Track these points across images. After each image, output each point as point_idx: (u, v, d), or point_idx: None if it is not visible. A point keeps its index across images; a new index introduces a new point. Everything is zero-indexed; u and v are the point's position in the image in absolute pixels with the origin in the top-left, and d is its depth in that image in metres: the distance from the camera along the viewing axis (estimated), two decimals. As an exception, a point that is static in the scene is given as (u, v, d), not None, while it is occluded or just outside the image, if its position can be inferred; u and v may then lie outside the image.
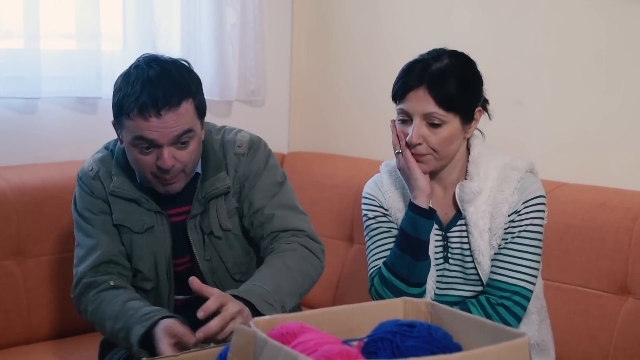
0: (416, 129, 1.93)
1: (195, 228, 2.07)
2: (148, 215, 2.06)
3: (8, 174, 2.54)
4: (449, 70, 1.93)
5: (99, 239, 2.05)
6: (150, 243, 2.06)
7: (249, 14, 3.14)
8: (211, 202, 2.06)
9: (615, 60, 2.48)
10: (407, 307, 1.50)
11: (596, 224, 2.28)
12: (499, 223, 1.97)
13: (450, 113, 1.92)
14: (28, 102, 2.70)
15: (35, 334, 2.51)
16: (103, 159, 2.10)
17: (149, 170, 1.95)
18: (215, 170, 2.06)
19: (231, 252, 2.10)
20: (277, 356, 1.22)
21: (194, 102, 1.95)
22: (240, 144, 2.10)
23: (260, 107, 3.28)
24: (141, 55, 1.99)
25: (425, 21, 2.96)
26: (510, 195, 1.96)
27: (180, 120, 1.90)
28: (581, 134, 2.56)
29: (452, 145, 1.96)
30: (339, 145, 3.24)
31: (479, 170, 1.99)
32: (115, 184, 2.05)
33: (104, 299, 1.99)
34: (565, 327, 2.29)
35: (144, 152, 1.93)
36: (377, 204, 2.11)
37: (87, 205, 2.08)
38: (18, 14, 2.62)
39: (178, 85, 1.92)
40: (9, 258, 2.47)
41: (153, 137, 1.89)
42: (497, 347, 1.25)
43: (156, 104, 1.87)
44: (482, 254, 1.97)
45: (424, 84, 1.91)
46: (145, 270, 2.07)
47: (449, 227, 2.04)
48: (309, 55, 3.39)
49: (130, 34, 2.93)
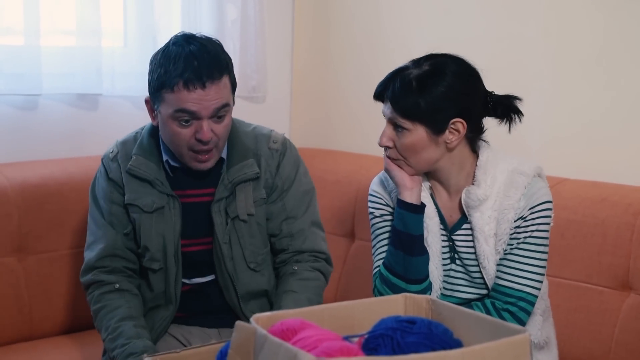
0: (384, 132, 1.97)
1: (219, 211, 2.11)
2: (159, 197, 2.11)
3: (9, 170, 2.54)
4: (416, 82, 1.91)
5: (105, 230, 2.13)
6: (158, 224, 2.11)
7: (250, 9, 3.13)
8: (238, 187, 2.12)
9: (616, 55, 2.47)
10: (407, 303, 1.50)
11: (597, 220, 2.28)
12: (504, 229, 1.95)
13: (413, 122, 1.92)
14: (29, 98, 2.70)
15: (36, 330, 2.52)
16: (125, 141, 2.17)
17: (185, 144, 2.02)
18: (241, 157, 2.13)
19: (251, 240, 2.15)
20: (277, 353, 1.22)
21: (230, 78, 2.04)
22: (276, 140, 2.19)
23: (261, 103, 3.28)
24: (176, 34, 2.07)
25: (427, 16, 2.96)
26: (516, 201, 1.95)
27: (220, 94, 1.99)
28: (582, 130, 2.56)
29: (420, 153, 1.95)
30: (341, 141, 3.23)
31: (486, 176, 1.97)
32: (134, 163, 2.11)
33: (104, 306, 2.09)
34: (567, 322, 2.29)
35: (182, 125, 1.99)
36: (383, 202, 2.10)
37: (100, 191, 2.16)
38: (18, 11, 2.62)
39: (218, 60, 2.00)
40: (10, 255, 2.47)
41: (195, 109, 1.97)
42: (497, 343, 1.25)
43: (201, 77, 1.95)
44: (488, 259, 1.96)
45: (386, 91, 1.94)
46: (153, 250, 2.12)
47: (454, 229, 2.03)
48: (310, 51, 3.39)
49: (130, 31, 2.93)
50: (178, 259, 2.12)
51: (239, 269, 2.14)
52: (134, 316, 2.07)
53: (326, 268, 2.22)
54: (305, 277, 2.15)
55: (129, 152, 2.13)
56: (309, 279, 2.15)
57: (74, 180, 2.60)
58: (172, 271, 2.12)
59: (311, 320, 1.36)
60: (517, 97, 2.02)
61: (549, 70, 2.62)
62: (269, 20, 3.23)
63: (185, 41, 2.01)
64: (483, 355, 1.22)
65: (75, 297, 2.57)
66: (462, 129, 1.94)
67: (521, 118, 2.02)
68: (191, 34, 2.06)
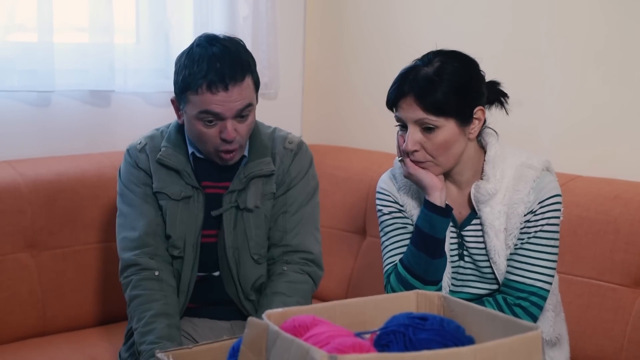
0: (411, 136, 1.92)
1: (230, 202, 2.16)
2: (186, 188, 2.16)
3: (22, 167, 2.55)
4: (437, 76, 1.89)
5: (142, 208, 2.17)
6: (183, 212, 2.15)
7: (261, 6, 3.13)
8: (252, 181, 2.17)
9: (629, 51, 2.46)
10: (419, 299, 1.50)
11: (610, 217, 2.27)
12: (514, 223, 1.95)
13: (441, 117, 1.89)
14: (42, 95, 2.71)
15: (50, 326, 2.53)
16: (152, 136, 2.23)
17: (212, 143, 2.08)
18: (259, 155, 2.19)
19: (257, 231, 2.18)
20: (289, 349, 1.22)
21: (253, 77, 2.09)
22: (291, 141, 2.25)
23: (273, 99, 3.28)
24: (199, 36, 2.12)
25: (439, 10, 2.95)
26: (526, 195, 1.94)
27: (243, 94, 2.04)
28: (594, 127, 2.55)
29: (451, 149, 1.93)
30: (352, 138, 3.24)
31: (495, 171, 1.96)
32: (164, 153, 2.16)
33: (141, 295, 2.10)
34: (579, 320, 2.28)
35: (207, 126, 2.05)
36: (392, 200, 2.10)
37: (131, 177, 2.20)
38: (32, 8, 2.63)
39: (240, 61, 2.06)
40: (24, 250, 2.48)
41: (219, 110, 2.03)
42: (509, 340, 1.25)
43: (224, 80, 2.01)
44: (498, 254, 1.96)
45: (411, 92, 1.90)
46: (174, 237, 2.15)
47: (463, 225, 2.03)
48: (321, 47, 3.39)
49: (143, 27, 2.93)
50: (197, 250, 2.16)
51: (244, 260, 2.17)
52: (169, 314, 2.08)
53: (316, 273, 2.23)
54: (294, 280, 2.17)
55: (156, 144, 2.19)
56: (298, 282, 2.17)
57: (86, 176, 2.61)
58: (189, 260, 2.16)
59: (323, 316, 1.36)
60: (499, 82, 2.03)
61: (561, 67, 2.61)
62: (280, 17, 3.23)
63: (208, 43, 2.06)
64: (495, 352, 1.22)
65: (88, 292, 2.59)
66: (482, 117, 1.96)
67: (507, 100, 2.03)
68: (214, 35, 2.10)
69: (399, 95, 1.92)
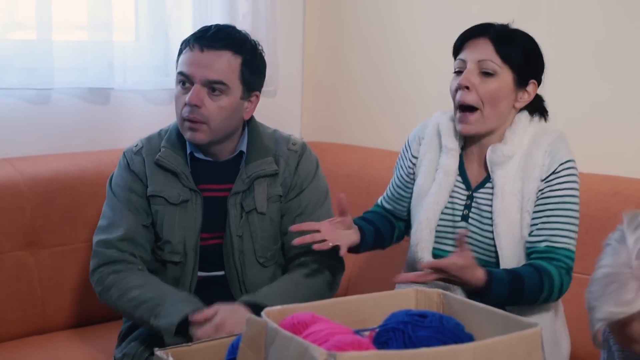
0: (467, 74, 1.96)
1: (235, 204, 2.14)
2: (184, 191, 2.13)
3: (21, 164, 2.55)
4: (514, 32, 1.99)
5: (123, 215, 2.14)
6: (182, 217, 2.13)
7: (261, 3, 3.13)
8: (256, 181, 2.15)
9: (628, 48, 2.46)
10: (419, 297, 1.50)
11: (610, 214, 2.27)
12: (531, 187, 1.97)
13: (505, 65, 1.94)
14: (41, 92, 2.71)
15: (49, 324, 2.53)
16: (150, 138, 2.21)
17: (180, 109, 2.08)
18: (261, 155, 2.17)
19: (262, 234, 2.16)
20: (288, 346, 1.22)
21: (241, 62, 2.08)
22: (295, 143, 2.25)
23: (272, 97, 3.27)
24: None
25: (439, 6, 2.94)
26: (540, 158, 1.97)
27: (218, 64, 2.05)
28: (595, 123, 2.55)
29: (500, 103, 1.97)
30: (352, 135, 3.23)
31: (514, 136, 2.00)
32: (163, 154, 2.15)
33: (130, 275, 2.08)
34: (579, 317, 2.27)
35: (180, 90, 2.08)
36: (409, 155, 2.17)
37: (119, 180, 2.18)
38: (30, 5, 2.63)
39: (230, 37, 2.09)
40: (23, 248, 2.48)
41: (189, 72, 2.05)
42: (509, 337, 1.25)
43: (202, 40, 2.05)
44: (499, 216, 1.97)
45: (487, 34, 1.97)
46: (174, 242, 2.13)
47: (477, 188, 2.04)
48: (321, 45, 3.38)
49: (142, 25, 2.93)
50: (197, 252, 2.14)
51: (249, 263, 2.15)
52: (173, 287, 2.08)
53: (336, 269, 2.20)
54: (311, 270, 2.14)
55: (154, 146, 2.17)
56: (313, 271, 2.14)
57: (86, 174, 2.61)
58: (190, 264, 2.14)
59: (322, 314, 1.36)
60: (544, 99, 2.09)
61: (561, 63, 2.60)
62: (280, 14, 3.23)
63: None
64: (495, 349, 1.22)
65: (87, 290, 2.58)
66: (533, 92, 2.01)
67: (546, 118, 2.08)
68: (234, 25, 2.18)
69: (472, 35, 1.99)
